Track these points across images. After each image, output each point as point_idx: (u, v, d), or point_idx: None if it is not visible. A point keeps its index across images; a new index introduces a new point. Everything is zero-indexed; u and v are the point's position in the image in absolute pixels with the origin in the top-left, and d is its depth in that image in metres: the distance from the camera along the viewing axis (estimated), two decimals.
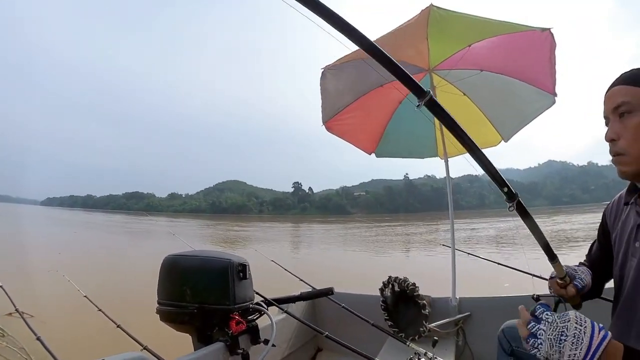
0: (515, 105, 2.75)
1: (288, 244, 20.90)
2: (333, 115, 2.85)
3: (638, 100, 0.93)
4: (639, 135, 0.93)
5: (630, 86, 0.95)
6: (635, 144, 0.94)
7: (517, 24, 2.23)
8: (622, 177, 1.02)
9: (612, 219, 1.22)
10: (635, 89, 0.95)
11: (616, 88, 0.99)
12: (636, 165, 0.96)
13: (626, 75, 0.99)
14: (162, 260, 1.67)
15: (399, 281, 2.39)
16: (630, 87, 0.95)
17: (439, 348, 1.94)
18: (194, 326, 1.58)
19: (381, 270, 8.88)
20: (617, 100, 0.97)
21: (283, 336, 2.28)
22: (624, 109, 0.95)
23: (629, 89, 0.95)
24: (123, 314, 2.26)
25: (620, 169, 1.00)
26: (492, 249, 14.80)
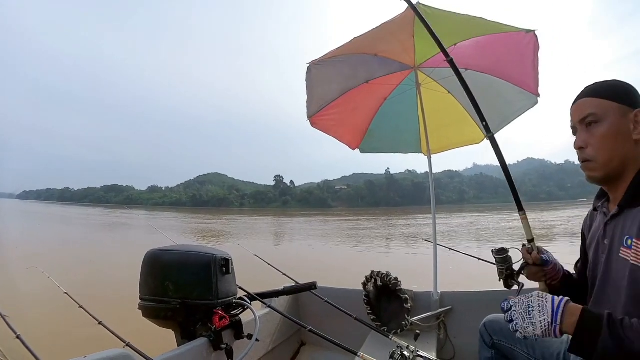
0: (499, 104, 2.79)
1: (270, 238, 20.86)
2: (318, 110, 2.84)
3: (603, 111, 1.03)
4: (605, 144, 1.03)
5: (596, 98, 1.05)
6: (601, 151, 1.03)
7: (503, 24, 2.26)
8: (590, 181, 1.10)
9: (587, 229, 1.29)
10: (600, 100, 1.04)
11: (583, 100, 1.08)
12: (603, 171, 1.05)
13: (592, 87, 1.08)
14: (143, 255, 1.65)
15: (381, 276, 2.42)
16: (595, 99, 1.05)
17: (421, 341, 1.97)
18: (177, 322, 1.56)
19: (364, 265, 8.97)
20: (584, 111, 1.06)
21: (267, 331, 2.28)
22: (590, 119, 1.05)
23: (595, 101, 1.05)
24: (105, 310, 2.22)
25: (589, 175, 1.09)
26: (472, 244, 15.11)
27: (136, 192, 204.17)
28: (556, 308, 0.91)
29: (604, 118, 1.03)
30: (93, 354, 1.09)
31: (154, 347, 1.49)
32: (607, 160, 1.04)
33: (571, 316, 0.90)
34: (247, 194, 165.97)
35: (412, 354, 1.73)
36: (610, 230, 1.07)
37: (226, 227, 28.10)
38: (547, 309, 0.92)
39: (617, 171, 1.04)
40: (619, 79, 1.07)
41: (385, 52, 2.56)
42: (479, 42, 2.43)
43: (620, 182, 1.06)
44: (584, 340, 0.88)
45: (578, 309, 0.91)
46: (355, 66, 2.68)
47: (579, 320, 0.89)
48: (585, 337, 0.88)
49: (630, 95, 1.03)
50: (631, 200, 1.01)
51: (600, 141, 1.03)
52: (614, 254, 1.04)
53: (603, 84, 1.07)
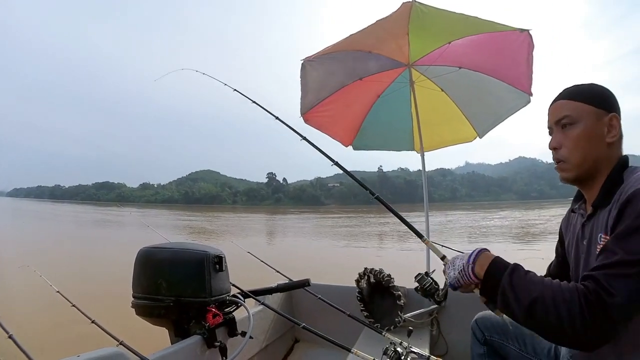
0: (492, 103, 2.81)
1: (263, 235, 20.83)
2: (311, 107, 2.84)
3: (578, 113, 1.05)
4: (578, 145, 1.05)
5: (572, 101, 1.07)
6: (575, 152, 1.07)
7: (497, 23, 2.27)
8: (563, 181, 1.14)
9: (565, 230, 1.31)
10: (576, 103, 1.06)
11: (559, 102, 1.11)
12: (575, 171, 1.09)
13: (569, 90, 1.10)
14: (136, 253, 1.64)
15: (374, 272, 2.42)
16: (571, 102, 1.07)
17: (413, 338, 1.98)
18: (170, 320, 1.56)
19: (357, 262, 8.99)
20: (560, 113, 1.09)
21: (260, 328, 2.28)
22: (565, 121, 1.08)
23: (571, 103, 1.07)
24: (97, 308, 2.20)
25: (562, 175, 1.13)
26: (464, 241, 15.22)
27: (128, 189, 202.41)
28: (472, 253, 1.07)
29: (578, 120, 1.05)
30: (86, 353, 1.08)
31: (148, 345, 1.48)
32: (580, 162, 1.07)
33: (485, 259, 1.03)
34: (240, 191, 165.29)
35: (405, 350, 1.75)
36: (588, 231, 1.10)
37: (219, 224, 28.00)
38: (466, 255, 1.09)
39: (589, 172, 1.07)
40: (597, 83, 1.10)
41: (379, 49, 2.57)
42: (473, 41, 2.44)
43: (594, 183, 1.08)
44: (489, 281, 0.99)
45: (491, 256, 1.04)
46: (349, 63, 2.68)
47: (489, 264, 1.01)
48: (490, 279, 0.99)
49: (606, 100, 1.06)
50: (604, 199, 1.03)
51: (574, 143, 1.06)
52: (591, 254, 1.06)
53: (580, 87, 1.10)
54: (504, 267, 0.98)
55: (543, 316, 0.87)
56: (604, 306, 0.82)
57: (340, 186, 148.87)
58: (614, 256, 0.86)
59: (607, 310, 0.82)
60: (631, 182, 0.95)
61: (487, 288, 1.00)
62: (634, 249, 0.84)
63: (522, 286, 0.92)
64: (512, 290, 0.93)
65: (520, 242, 14.84)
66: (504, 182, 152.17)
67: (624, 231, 0.88)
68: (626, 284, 0.83)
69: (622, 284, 0.83)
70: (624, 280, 0.83)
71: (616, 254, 0.86)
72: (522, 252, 10.62)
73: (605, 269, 0.86)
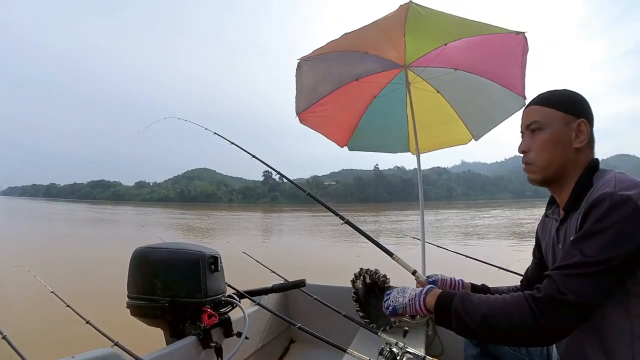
0: (487, 105, 2.82)
1: (259, 234, 20.79)
2: (307, 106, 2.84)
3: (546, 119, 1.09)
4: (545, 149, 1.09)
5: (542, 106, 1.11)
6: (541, 155, 1.10)
7: (493, 26, 2.27)
8: (531, 183, 1.17)
9: (541, 234, 1.33)
10: (545, 108, 1.10)
11: (530, 107, 1.15)
12: (542, 174, 1.13)
13: (541, 96, 1.14)
14: (131, 253, 1.64)
15: (370, 273, 2.42)
16: (541, 107, 1.11)
17: (409, 338, 1.99)
18: (166, 320, 1.56)
19: (352, 262, 9.00)
20: (530, 118, 1.13)
21: (256, 328, 2.28)
22: (534, 126, 1.11)
23: (540, 109, 1.11)
24: (92, 309, 2.19)
25: (529, 177, 1.17)
26: (459, 241, 15.27)
27: (123, 188, 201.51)
28: (424, 287, 1.16)
29: (546, 126, 1.09)
30: (81, 353, 1.08)
31: (143, 345, 1.48)
32: (546, 165, 1.10)
33: (434, 292, 1.11)
34: (236, 189, 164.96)
35: (401, 350, 1.75)
36: (562, 235, 1.12)
37: (214, 223, 27.94)
38: (418, 289, 1.17)
39: (556, 175, 1.11)
40: (569, 89, 1.12)
41: (375, 50, 2.57)
42: (469, 43, 2.45)
43: (564, 187, 1.11)
44: (442, 307, 1.06)
45: (439, 290, 1.13)
46: (346, 63, 2.68)
47: (440, 294, 1.09)
48: (442, 305, 1.06)
49: (575, 105, 1.08)
50: (574, 203, 1.06)
51: (541, 147, 1.10)
52: None
53: (552, 93, 1.12)
54: (453, 294, 1.06)
55: (497, 325, 0.94)
56: (554, 303, 0.88)
57: (337, 184, 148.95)
58: (572, 258, 0.91)
59: (558, 307, 0.88)
60: (598, 186, 0.97)
61: (441, 314, 1.06)
62: (590, 251, 0.88)
63: (472, 306, 1.00)
64: (464, 311, 1.00)
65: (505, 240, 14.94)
66: (500, 181, 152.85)
67: (584, 234, 0.91)
68: (579, 283, 0.87)
69: (575, 283, 0.87)
70: (577, 280, 0.88)
71: (574, 255, 0.90)
72: (510, 252, 10.68)
73: (562, 269, 0.91)
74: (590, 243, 0.89)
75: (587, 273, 0.87)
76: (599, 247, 0.87)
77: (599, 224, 0.88)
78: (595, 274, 0.86)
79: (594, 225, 0.89)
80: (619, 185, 0.91)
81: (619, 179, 0.94)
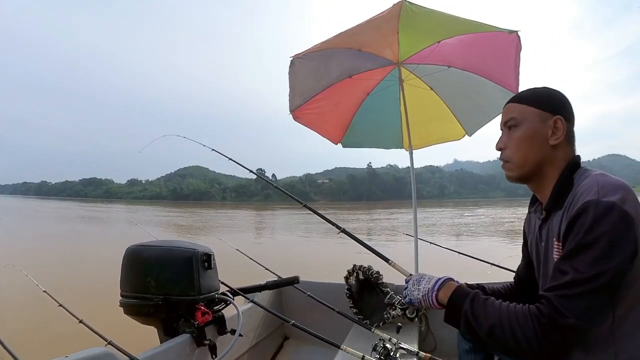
0: (480, 102, 2.84)
1: (252, 232, 20.75)
2: (301, 104, 2.83)
3: (522, 116, 1.09)
4: (521, 146, 1.09)
5: (519, 104, 1.11)
6: (517, 152, 1.11)
7: (486, 24, 2.28)
8: (508, 180, 1.17)
9: (527, 231, 1.33)
10: (521, 106, 1.10)
11: (508, 105, 1.15)
12: (518, 171, 1.12)
13: (519, 94, 1.15)
14: (124, 251, 1.63)
15: (363, 269, 2.43)
16: (518, 105, 1.11)
17: (402, 334, 2.00)
18: (159, 318, 1.55)
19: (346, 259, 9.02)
20: (507, 115, 1.13)
21: (250, 326, 2.28)
22: (511, 123, 1.12)
23: (518, 106, 1.11)
24: (85, 308, 2.18)
25: (506, 174, 1.17)
26: (452, 237, 15.37)
27: (115, 186, 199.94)
28: (438, 280, 1.16)
29: (522, 122, 1.09)
30: (75, 353, 1.08)
31: (137, 344, 1.48)
32: (521, 162, 1.10)
33: (448, 288, 1.11)
34: (229, 187, 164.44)
35: (394, 346, 1.77)
36: (544, 234, 1.12)
37: (207, 221, 27.83)
38: (432, 281, 1.17)
39: (532, 172, 1.10)
40: (550, 87, 1.12)
41: (369, 47, 2.57)
42: (462, 40, 2.46)
43: (543, 185, 1.11)
44: (453, 309, 1.07)
45: (455, 285, 1.13)
46: (339, 61, 2.68)
47: (452, 293, 1.09)
48: (453, 306, 1.07)
49: (553, 102, 1.08)
50: (555, 203, 1.05)
51: (516, 144, 1.10)
52: (549, 256, 1.08)
53: (530, 90, 1.13)
54: (465, 295, 1.05)
55: (502, 339, 0.95)
56: (557, 327, 0.88)
57: (330, 182, 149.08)
58: (565, 276, 0.90)
59: (560, 330, 0.88)
60: (581, 190, 0.95)
61: (451, 314, 1.07)
62: (583, 267, 0.87)
63: (482, 313, 1.00)
64: (473, 316, 1.01)
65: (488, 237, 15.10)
66: (492, 180, 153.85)
67: (574, 249, 0.90)
68: (577, 304, 0.87)
69: (574, 304, 0.87)
70: (575, 301, 0.87)
71: (567, 273, 0.90)
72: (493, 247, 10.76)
73: (557, 290, 0.90)
74: (581, 259, 0.88)
75: (583, 292, 0.87)
76: (590, 262, 0.86)
77: (587, 236, 0.87)
78: (592, 291, 0.86)
79: (582, 238, 0.88)
80: (602, 191, 0.90)
81: (601, 183, 0.92)
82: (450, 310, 1.07)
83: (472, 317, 1.01)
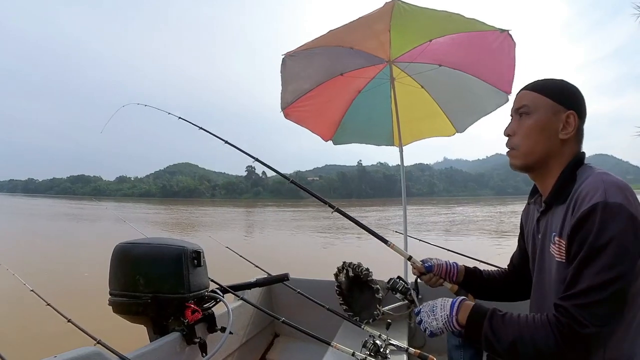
0: (470, 100, 2.86)
1: (242, 229, 20.68)
2: (292, 101, 2.83)
3: (535, 105, 1.07)
4: (530, 134, 1.08)
5: (533, 92, 1.09)
6: (525, 141, 1.09)
7: (478, 22, 2.28)
8: (512, 168, 1.17)
9: (525, 221, 1.34)
10: (536, 95, 1.08)
11: (522, 92, 1.13)
12: (523, 159, 1.12)
13: (534, 83, 1.12)
14: (112, 249, 1.61)
15: (352, 266, 2.44)
16: (532, 93, 1.09)
17: (392, 330, 2.01)
18: (149, 317, 1.53)
19: (335, 256, 9.04)
20: (520, 102, 1.12)
21: (240, 323, 2.27)
22: (523, 110, 1.10)
23: (532, 95, 1.09)
24: (74, 307, 2.15)
25: (511, 161, 1.16)
26: (441, 235, 15.50)
27: (104, 183, 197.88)
28: (453, 304, 1.11)
29: (534, 111, 1.07)
30: (63, 353, 1.06)
31: (126, 343, 1.46)
32: (528, 151, 1.09)
33: (465, 309, 1.08)
34: (219, 184, 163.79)
35: (384, 342, 1.78)
36: (542, 226, 1.12)
37: (197, 218, 27.66)
38: (447, 306, 1.12)
39: (538, 163, 1.09)
40: (566, 80, 1.10)
41: (361, 45, 2.57)
42: (454, 39, 2.48)
43: (546, 177, 1.10)
44: (472, 329, 1.05)
45: (470, 304, 1.09)
46: (331, 58, 2.67)
47: (470, 313, 1.06)
48: (472, 327, 1.05)
49: (568, 96, 1.06)
50: (556, 197, 1.05)
51: (526, 132, 1.09)
52: (545, 249, 1.09)
53: (546, 81, 1.11)
54: (484, 314, 1.04)
55: (524, 353, 0.95)
56: (578, 337, 0.89)
57: (320, 180, 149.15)
58: (582, 284, 0.89)
59: (582, 339, 0.89)
60: (586, 188, 0.94)
61: (471, 335, 1.06)
62: (598, 272, 0.87)
63: (502, 330, 0.99)
64: (493, 335, 1.00)
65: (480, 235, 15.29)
66: (481, 178, 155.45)
67: (586, 255, 0.89)
68: (596, 312, 0.87)
69: (592, 313, 0.88)
70: (593, 309, 0.88)
71: (583, 281, 0.89)
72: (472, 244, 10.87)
73: (574, 299, 0.90)
74: (594, 265, 0.88)
75: (600, 300, 0.87)
76: (604, 267, 0.86)
77: (597, 240, 0.87)
78: (608, 298, 0.87)
79: (593, 243, 0.88)
80: (608, 192, 0.89)
81: (607, 183, 0.91)
82: (470, 331, 1.06)
83: (492, 335, 1.00)
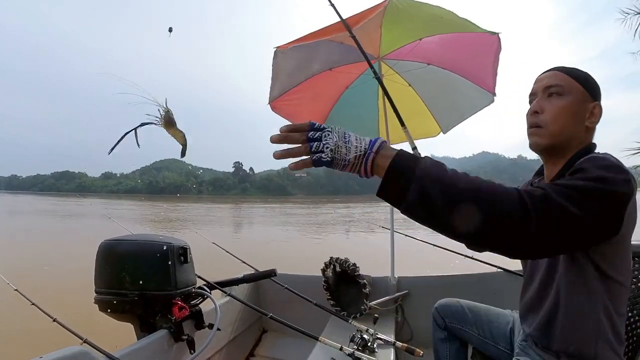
0: (457, 100, 2.88)
1: (229, 225, 20.59)
2: (279, 94, 2.81)
3: (569, 87, 1.03)
4: (561, 115, 1.03)
5: (567, 75, 1.05)
6: (556, 121, 1.03)
7: (470, 23, 2.30)
8: (534, 148, 1.10)
9: None
10: (569, 78, 1.05)
11: (554, 72, 1.08)
12: (549, 139, 1.05)
13: (564, 66, 1.08)
14: (98, 246, 1.59)
15: (340, 262, 2.46)
16: (566, 75, 1.05)
17: (379, 324, 2.04)
18: (136, 314, 1.52)
19: (323, 251, 9.07)
20: (552, 81, 1.06)
21: (227, 320, 2.27)
22: (554, 90, 1.05)
23: (565, 77, 1.05)
24: (59, 306, 2.11)
25: (535, 140, 1.08)
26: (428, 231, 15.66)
27: (89, 179, 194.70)
28: (374, 140, 0.81)
29: (568, 93, 1.04)
30: (49, 353, 1.05)
31: (113, 342, 1.45)
32: (557, 132, 1.04)
33: (388, 149, 0.80)
34: (206, 180, 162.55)
35: (371, 337, 1.80)
36: None
37: (183, 214, 27.44)
38: (366, 139, 0.82)
39: (561, 146, 1.06)
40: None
41: (351, 40, 2.57)
42: (444, 39, 2.50)
43: (560, 160, 1.08)
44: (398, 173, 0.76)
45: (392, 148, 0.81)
46: (321, 53, 2.66)
47: (397, 152, 0.79)
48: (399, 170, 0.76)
49: (595, 88, 1.06)
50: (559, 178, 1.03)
51: (557, 112, 1.04)
52: None
53: (577, 69, 1.08)
54: (416, 156, 0.78)
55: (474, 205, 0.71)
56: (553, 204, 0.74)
57: (307, 176, 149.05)
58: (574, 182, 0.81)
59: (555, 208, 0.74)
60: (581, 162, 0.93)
61: (395, 181, 0.77)
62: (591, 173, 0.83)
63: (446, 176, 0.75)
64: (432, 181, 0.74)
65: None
66: None
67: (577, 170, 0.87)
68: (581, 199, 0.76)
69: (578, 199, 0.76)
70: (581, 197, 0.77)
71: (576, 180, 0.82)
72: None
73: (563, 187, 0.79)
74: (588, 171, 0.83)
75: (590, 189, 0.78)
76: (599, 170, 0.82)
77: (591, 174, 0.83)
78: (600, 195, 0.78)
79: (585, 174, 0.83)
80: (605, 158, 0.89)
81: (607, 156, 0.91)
82: (395, 175, 0.76)
83: (431, 181, 0.73)
